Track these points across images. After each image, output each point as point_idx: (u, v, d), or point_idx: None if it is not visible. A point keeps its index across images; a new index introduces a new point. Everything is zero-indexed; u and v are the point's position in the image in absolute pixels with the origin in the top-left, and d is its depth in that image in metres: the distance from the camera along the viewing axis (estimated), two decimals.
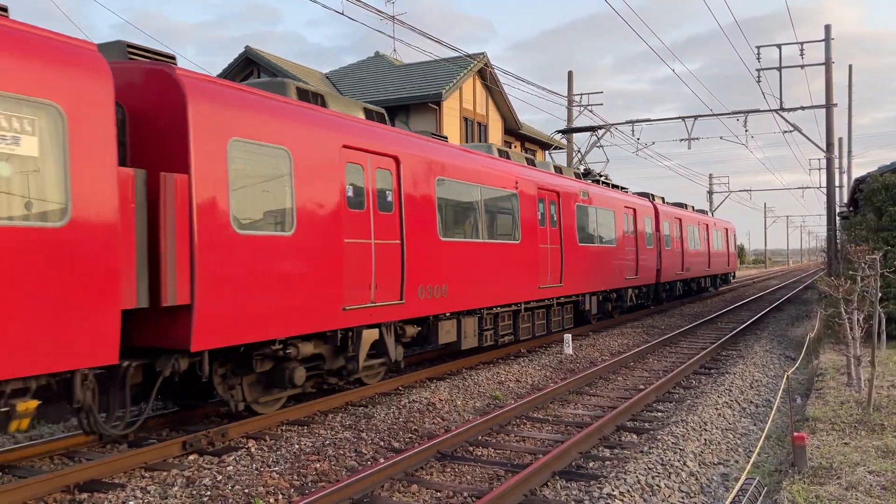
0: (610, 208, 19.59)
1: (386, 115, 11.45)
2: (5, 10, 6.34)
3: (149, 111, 7.51)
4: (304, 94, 9.75)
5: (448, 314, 12.13)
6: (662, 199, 26.99)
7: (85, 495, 6.51)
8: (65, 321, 6.17)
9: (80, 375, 6.58)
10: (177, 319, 7.35)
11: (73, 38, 6.54)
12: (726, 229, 37.43)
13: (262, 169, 8.34)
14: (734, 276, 43.35)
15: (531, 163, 16.27)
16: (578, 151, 26.81)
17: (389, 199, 10.54)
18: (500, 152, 14.97)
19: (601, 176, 21.79)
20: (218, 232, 7.65)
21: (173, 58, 8.11)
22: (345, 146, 9.64)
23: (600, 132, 25.70)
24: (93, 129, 6.45)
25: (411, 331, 11.24)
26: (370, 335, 10.15)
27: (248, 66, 26.22)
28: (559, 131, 26.88)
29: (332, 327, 9.32)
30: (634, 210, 22.02)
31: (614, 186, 22.35)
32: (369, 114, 11.02)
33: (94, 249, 6.40)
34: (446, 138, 13.73)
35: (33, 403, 6.21)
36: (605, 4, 17.88)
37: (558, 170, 17.86)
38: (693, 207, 32.42)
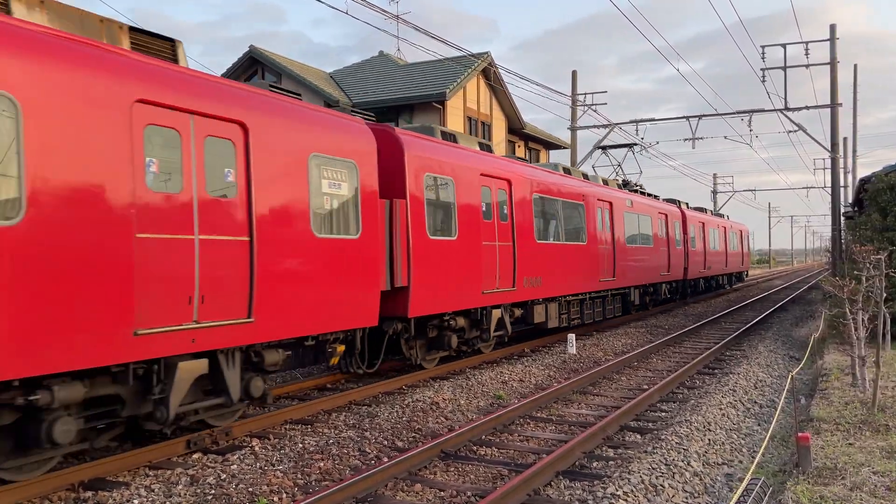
0: (648, 214, 22.70)
1: (491, 146, 14.66)
2: (337, 105, 10.10)
3: (382, 158, 10.71)
4: (445, 136, 13.07)
5: (541, 300, 15.46)
6: (687, 204, 29.52)
7: (89, 493, 6.53)
8: (358, 297, 9.70)
9: (360, 332, 10.29)
10: (399, 297, 10.91)
11: (355, 118, 10.28)
12: (741, 231, 40.46)
13: (441, 193, 11.90)
14: (747, 275, 47.07)
15: (585, 177, 19.45)
16: (609, 157, 26.91)
17: (505, 211, 13.97)
18: (566, 170, 18.18)
19: (638, 186, 24.65)
20: (421, 237, 11.25)
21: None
22: (482, 174, 13.11)
23: (636, 148, 27.83)
24: (370, 174, 10.10)
25: (517, 312, 14.51)
26: (496, 313, 13.49)
27: (253, 66, 26.25)
28: (599, 147, 27.75)
29: (476, 306, 12.74)
30: (666, 215, 25.07)
31: (648, 195, 25.28)
32: (483, 146, 14.29)
33: (372, 252, 10.00)
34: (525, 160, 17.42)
35: (341, 347, 9.95)
36: (610, 4, 17.91)
37: (605, 182, 20.93)
38: (711, 211, 36.05)
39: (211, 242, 7.47)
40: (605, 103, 28.29)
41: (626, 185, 24.04)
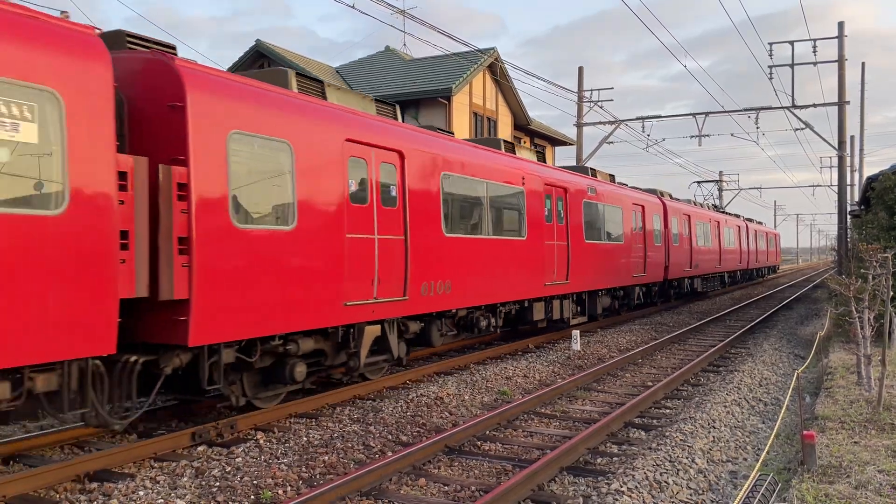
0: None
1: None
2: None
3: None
4: (509, 147, 14.88)
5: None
6: (670, 195, 27.92)
7: (95, 485, 6.56)
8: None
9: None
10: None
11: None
12: (776, 235, 53.28)
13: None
14: (778, 269, 60.46)
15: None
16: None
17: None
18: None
19: (716, 203, 30.04)
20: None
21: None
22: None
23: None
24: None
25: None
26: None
27: (259, 60, 26.25)
28: (699, 182, 32.03)
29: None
30: (752, 230, 38.50)
31: (716, 208, 34.57)
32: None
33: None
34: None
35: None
36: (618, 0, 17.85)
37: (689, 201, 27.10)
38: (758, 221, 46.22)
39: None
40: (612, 100, 28.20)
41: (716, 208, 26.24)
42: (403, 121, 14.37)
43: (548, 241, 15.44)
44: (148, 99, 7.43)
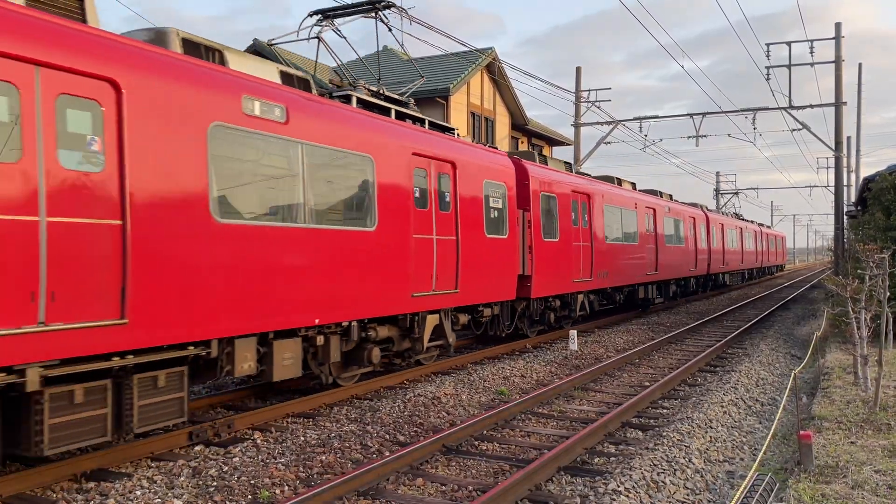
0: (750, 231, 36.71)
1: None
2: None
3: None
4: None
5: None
6: (670, 196, 28.57)
7: (92, 484, 6.55)
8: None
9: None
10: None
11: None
12: (783, 238, 61.87)
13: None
14: (783, 268, 67.21)
15: (703, 208, 29.32)
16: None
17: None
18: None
19: (736, 210, 39.95)
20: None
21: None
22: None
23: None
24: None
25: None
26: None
27: None
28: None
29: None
30: (765, 234, 45.40)
31: (736, 216, 41.19)
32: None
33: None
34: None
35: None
36: (617, 0, 17.86)
37: (719, 211, 35.23)
38: (767, 225, 53.96)
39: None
40: (609, 100, 28.25)
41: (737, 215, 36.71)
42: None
43: (649, 245, 22.40)
44: (518, 179, 14.62)
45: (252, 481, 6.58)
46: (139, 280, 6.58)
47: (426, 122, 11.91)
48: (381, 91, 11.43)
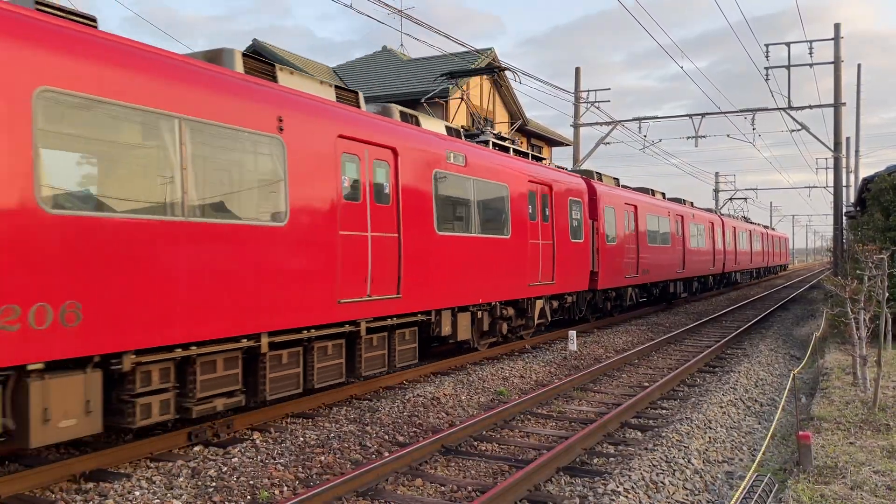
0: (757, 234, 41.86)
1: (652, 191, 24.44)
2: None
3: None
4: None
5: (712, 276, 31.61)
6: (762, 224, 44.99)
7: (91, 485, 6.54)
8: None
9: (581, 295, 18.07)
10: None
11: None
12: (786, 239, 67.75)
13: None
14: (787, 267, 72.76)
15: (709, 210, 35.00)
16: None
17: (713, 235, 30.61)
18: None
19: (746, 217, 43.44)
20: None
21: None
22: (709, 221, 29.17)
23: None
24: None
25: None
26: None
27: None
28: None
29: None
30: (770, 235, 49.67)
31: (744, 219, 45.83)
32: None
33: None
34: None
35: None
36: (616, 1, 17.91)
37: (736, 216, 41.85)
38: (771, 227, 60.78)
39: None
40: (609, 101, 28.25)
41: (746, 219, 43.87)
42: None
43: (678, 247, 26.39)
44: (589, 195, 18.32)
45: (251, 482, 6.58)
46: (404, 270, 10.43)
47: (529, 155, 16.00)
48: (500, 133, 15.46)
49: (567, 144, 34.23)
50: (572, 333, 15.24)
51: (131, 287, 6.55)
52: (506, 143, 15.02)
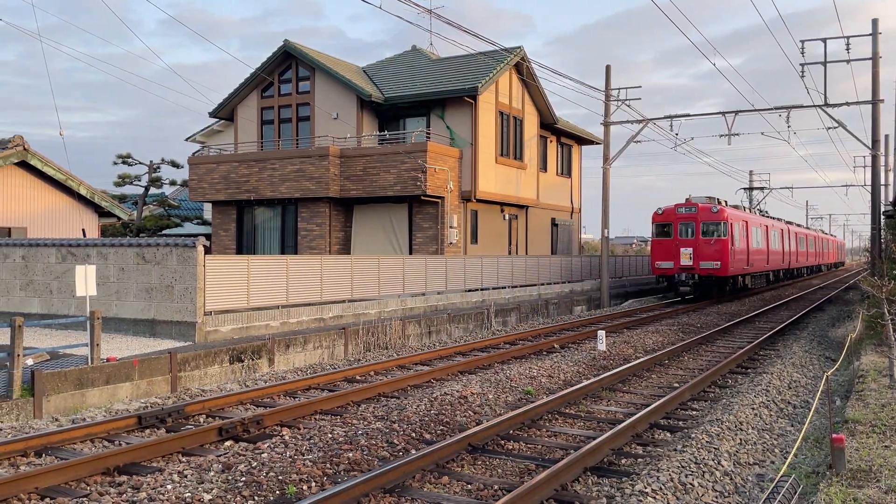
0: (812, 237, 53.94)
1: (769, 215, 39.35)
2: None
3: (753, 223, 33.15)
4: (762, 212, 40.14)
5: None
6: (819, 229, 58.83)
7: (124, 478, 6.68)
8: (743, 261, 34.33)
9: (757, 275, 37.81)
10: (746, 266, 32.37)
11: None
12: (842, 242, 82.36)
13: (759, 232, 33.44)
14: (843, 265, 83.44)
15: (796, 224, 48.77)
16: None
17: (816, 243, 55.39)
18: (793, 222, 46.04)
19: (821, 229, 60.77)
20: (741, 247, 30.09)
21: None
22: (809, 235, 51.94)
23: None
24: (750, 227, 31.96)
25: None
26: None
27: (287, 61, 26.46)
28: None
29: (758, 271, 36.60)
30: (828, 239, 63.20)
31: (798, 226, 50.71)
32: (763, 212, 39.27)
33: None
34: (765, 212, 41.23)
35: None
36: None
37: (802, 226, 53.55)
38: (825, 231, 72.89)
39: (775, 251, 36.86)
40: (640, 98, 27.96)
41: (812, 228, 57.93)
42: (430, 120, 22.92)
43: (779, 249, 37.81)
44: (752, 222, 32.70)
45: (280, 477, 6.65)
46: (750, 258, 30.96)
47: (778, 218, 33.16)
48: (765, 211, 31.34)
49: (597, 143, 33.97)
50: (601, 333, 15.14)
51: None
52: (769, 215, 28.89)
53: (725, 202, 29.42)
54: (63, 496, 6.23)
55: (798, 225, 48.17)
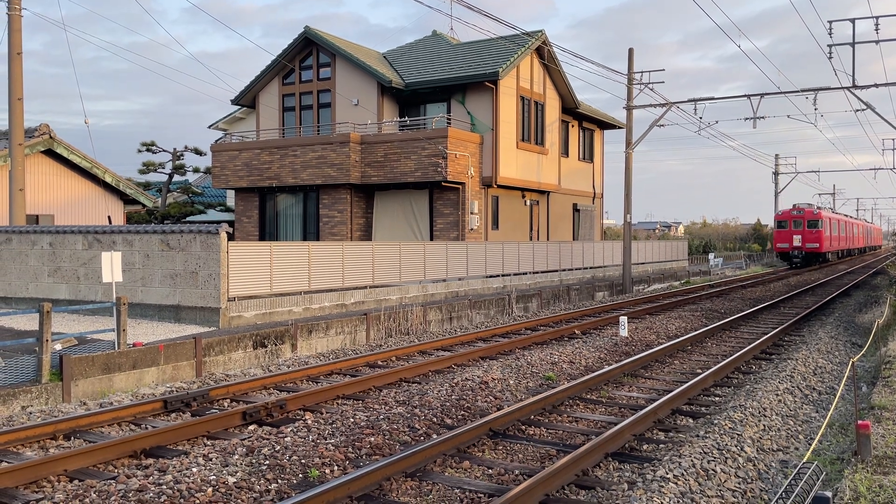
0: (861, 225, 69.90)
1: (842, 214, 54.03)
2: None
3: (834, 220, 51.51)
4: (847, 216, 61.49)
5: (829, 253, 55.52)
6: (864, 219, 73.53)
7: (150, 460, 6.80)
8: (838, 245, 55.87)
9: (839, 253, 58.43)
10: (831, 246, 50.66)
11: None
12: (879, 228, 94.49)
13: (842, 226, 55.05)
14: (881, 247, 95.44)
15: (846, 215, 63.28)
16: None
17: (861, 230, 70.41)
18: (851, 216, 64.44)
19: (848, 215, 62.48)
20: (827, 234, 48.61)
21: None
22: (856, 225, 66.23)
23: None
24: (833, 223, 50.57)
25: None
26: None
27: (308, 47, 26.49)
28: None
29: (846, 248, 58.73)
30: (871, 227, 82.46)
31: (846, 216, 60.38)
32: (846, 215, 60.61)
33: (839, 237, 55.48)
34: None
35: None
36: None
37: (849, 216, 66.56)
38: (867, 220, 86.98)
39: (844, 237, 55.18)
40: (663, 81, 27.62)
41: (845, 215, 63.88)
42: (450, 105, 22.52)
43: (855, 235, 60.94)
44: (833, 219, 51.20)
45: (303, 460, 6.73)
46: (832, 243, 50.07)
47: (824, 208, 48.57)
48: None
49: (619, 127, 33.66)
50: (623, 319, 15.08)
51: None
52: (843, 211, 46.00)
53: (818, 207, 46.69)
54: (91, 478, 6.36)
55: (854, 218, 65.85)
